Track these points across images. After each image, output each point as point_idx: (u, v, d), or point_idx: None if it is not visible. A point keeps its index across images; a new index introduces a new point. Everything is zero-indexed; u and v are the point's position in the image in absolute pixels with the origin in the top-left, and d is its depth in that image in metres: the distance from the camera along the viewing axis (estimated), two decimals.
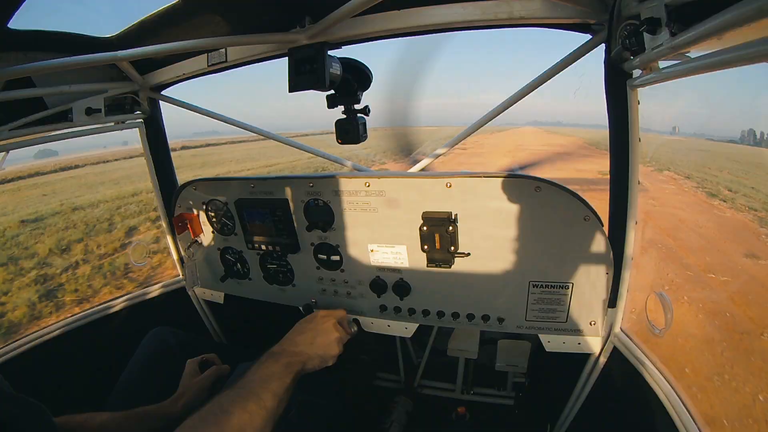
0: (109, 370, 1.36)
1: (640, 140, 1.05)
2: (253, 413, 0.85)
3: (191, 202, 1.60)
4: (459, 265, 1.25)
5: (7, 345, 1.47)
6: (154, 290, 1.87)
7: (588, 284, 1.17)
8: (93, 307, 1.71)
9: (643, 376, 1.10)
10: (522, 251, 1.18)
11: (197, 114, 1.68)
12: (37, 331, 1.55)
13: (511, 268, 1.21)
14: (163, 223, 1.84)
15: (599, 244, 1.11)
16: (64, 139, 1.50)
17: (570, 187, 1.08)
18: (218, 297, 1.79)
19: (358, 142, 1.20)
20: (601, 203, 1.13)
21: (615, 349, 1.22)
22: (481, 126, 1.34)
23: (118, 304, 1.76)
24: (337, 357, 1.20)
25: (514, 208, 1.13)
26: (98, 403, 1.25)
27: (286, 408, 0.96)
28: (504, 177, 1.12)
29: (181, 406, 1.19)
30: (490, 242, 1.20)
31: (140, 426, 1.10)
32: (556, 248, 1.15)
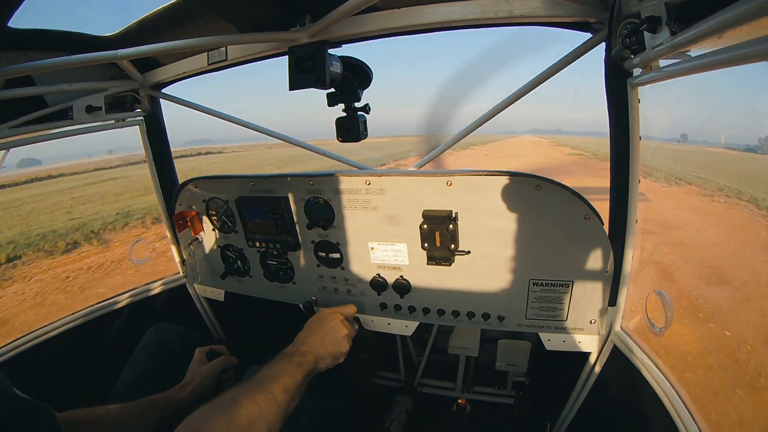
0: (111, 367, 1.36)
1: (640, 138, 1.05)
2: (263, 406, 0.86)
3: (192, 200, 1.61)
4: (459, 263, 1.25)
5: (9, 343, 1.48)
6: (155, 288, 1.88)
7: (588, 283, 1.17)
8: (94, 305, 1.72)
9: (642, 375, 1.10)
10: (522, 249, 1.18)
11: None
12: (39, 329, 1.56)
13: (512, 266, 1.21)
14: (164, 221, 1.84)
15: (599, 242, 1.11)
16: (65, 137, 1.50)
17: None
18: (218, 294, 1.80)
19: (359, 140, 1.20)
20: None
21: (615, 348, 1.22)
22: (482, 124, 1.34)
23: (119, 302, 1.76)
24: (347, 353, 1.21)
25: (514, 207, 1.13)
26: (101, 399, 1.25)
27: (297, 413, 0.97)
28: (505, 175, 1.12)
29: (189, 393, 1.20)
30: (490, 240, 1.20)
31: (148, 413, 1.11)
32: (556, 246, 1.15)
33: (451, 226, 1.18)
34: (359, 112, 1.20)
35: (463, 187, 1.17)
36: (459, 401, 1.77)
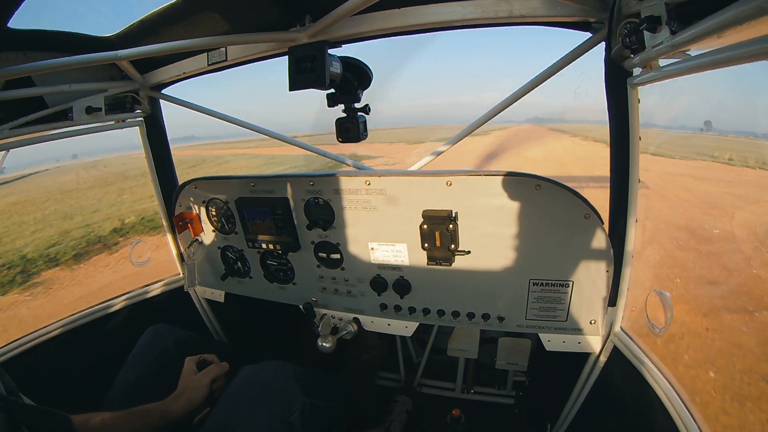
0: (111, 368, 1.36)
1: (640, 138, 1.05)
2: None
3: (192, 201, 1.60)
4: (459, 263, 1.25)
5: (9, 344, 1.48)
6: (155, 289, 1.87)
7: (588, 283, 1.17)
8: (94, 306, 1.71)
9: (643, 375, 1.10)
10: (522, 249, 1.18)
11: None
12: (40, 329, 1.55)
13: (512, 266, 1.21)
14: (164, 223, 1.84)
15: (599, 242, 1.11)
16: (65, 137, 1.50)
17: None
18: (219, 296, 1.79)
19: (359, 141, 1.20)
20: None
21: (615, 348, 1.22)
22: (482, 125, 1.34)
23: (119, 303, 1.76)
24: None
25: (514, 207, 1.13)
26: (99, 400, 1.25)
27: (288, 410, 0.96)
28: (504, 175, 1.12)
29: (183, 404, 1.20)
30: (490, 240, 1.20)
31: (142, 423, 1.11)
32: (556, 246, 1.15)
33: (451, 226, 1.18)
34: (359, 113, 1.20)
35: (463, 187, 1.17)
36: (453, 412, 1.74)
